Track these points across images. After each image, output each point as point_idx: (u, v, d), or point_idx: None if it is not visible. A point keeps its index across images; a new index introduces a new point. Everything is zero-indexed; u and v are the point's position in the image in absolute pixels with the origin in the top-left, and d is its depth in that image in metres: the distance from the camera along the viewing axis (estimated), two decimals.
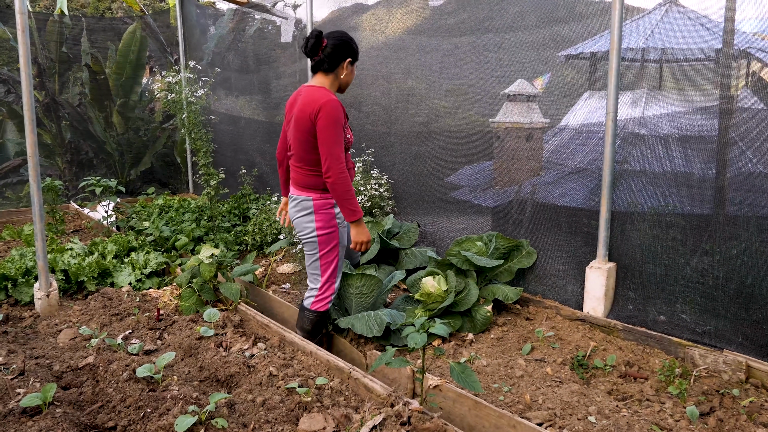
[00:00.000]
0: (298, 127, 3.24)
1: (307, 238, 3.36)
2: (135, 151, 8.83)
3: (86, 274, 4.43)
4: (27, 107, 3.75)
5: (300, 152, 3.28)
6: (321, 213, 3.31)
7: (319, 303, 3.42)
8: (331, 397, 2.74)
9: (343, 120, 3.20)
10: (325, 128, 3.13)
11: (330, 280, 3.42)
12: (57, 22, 8.24)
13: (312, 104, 3.16)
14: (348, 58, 3.30)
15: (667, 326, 3.45)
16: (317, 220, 3.30)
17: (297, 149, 3.29)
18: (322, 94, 3.19)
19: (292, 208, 3.42)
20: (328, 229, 3.32)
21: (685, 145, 3.55)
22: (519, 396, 2.96)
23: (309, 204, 3.31)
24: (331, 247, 3.36)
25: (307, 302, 3.47)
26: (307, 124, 3.18)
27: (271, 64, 7.16)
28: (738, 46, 3.21)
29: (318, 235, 3.33)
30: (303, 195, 3.34)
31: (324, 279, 3.40)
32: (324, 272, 3.39)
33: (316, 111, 3.13)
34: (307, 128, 3.19)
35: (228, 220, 6.17)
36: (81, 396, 2.70)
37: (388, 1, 5.41)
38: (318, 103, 3.14)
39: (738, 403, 2.80)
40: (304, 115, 3.18)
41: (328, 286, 3.43)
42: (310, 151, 3.23)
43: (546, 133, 4.27)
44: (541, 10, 4.17)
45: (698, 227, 3.37)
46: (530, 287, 4.17)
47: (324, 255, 3.36)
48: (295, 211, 3.39)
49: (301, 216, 3.35)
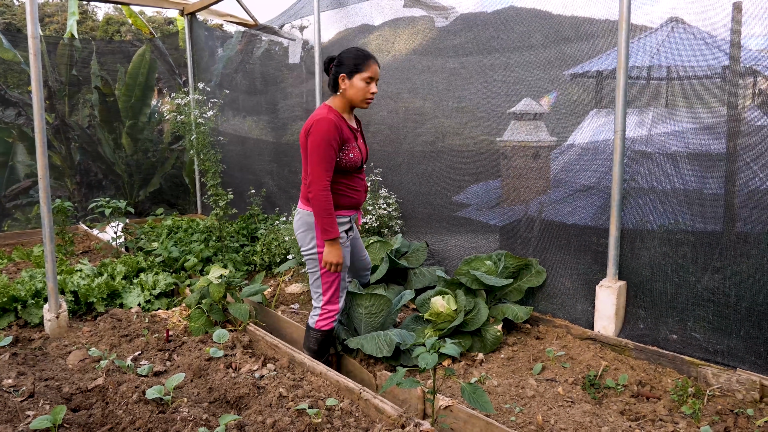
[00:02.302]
0: (301, 143, 3.31)
1: (308, 255, 3.38)
2: (144, 172, 8.88)
3: (95, 295, 4.44)
4: (38, 129, 3.79)
5: (305, 167, 3.32)
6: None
7: (323, 321, 3.42)
8: (341, 419, 2.73)
9: (333, 138, 3.16)
10: (312, 144, 3.16)
11: (332, 298, 3.42)
12: (67, 45, 8.35)
13: (309, 121, 3.23)
14: (341, 73, 3.26)
15: (679, 345, 3.42)
16: (317, 236, 3.30)
17: (303, 164, 3.34)
18: (319, 111, 3.25)
19: (295, 223, 3.45)
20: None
21: (693, 162, 3.55)
22: (531, 416, 2.93)
23: (310, 219, 3.32)
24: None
25: (311, 321, 3.47)
26: (303, 140, 3.25)
27: (279, 85, 7.22)
28: (744, 63, 3.22)
29: (318, 252, 3.33)
30: (305, 209, 3.36)
31: (326, 297, 3.41)
32: (326, 291, 3.40)
33: (309, 127, 3.20)
34: (303, 144, 3.26)
35: (237, 241, 6.18)
36: (90, 418, 2.69)
37: (394, 22, 5.46)
38: (312, 119, 3.21)
39: (753, 423, 2.76)
40: (303, 132, 3.26)
41: (331, 304, 3.43)
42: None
43: (553, 151, 4.27)
44: (547, 29, 4.20)
45: (708, 245, 3.35)
46: (540, 306, 4.15)
47: (325, 273, 3.36)
48: (296, 226, 3.43)
49: (302, 231, 3.38)
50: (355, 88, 3.26)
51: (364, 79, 3.25)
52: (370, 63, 3.27)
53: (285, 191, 6.99)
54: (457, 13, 4.88)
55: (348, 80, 3.25)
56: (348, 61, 3.25)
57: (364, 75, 3.25)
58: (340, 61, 3.28)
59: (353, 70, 3.25)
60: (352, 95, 3.28)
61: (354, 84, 3.26)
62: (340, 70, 3.27)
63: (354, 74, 3.25)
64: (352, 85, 3.26)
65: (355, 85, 3.26)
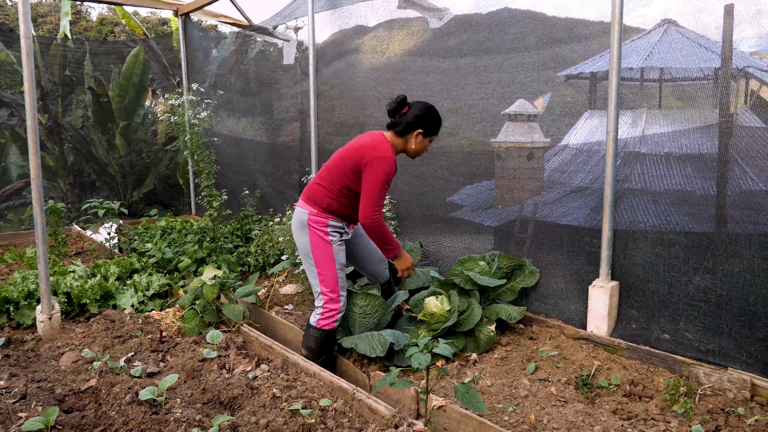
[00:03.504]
0: (345, 157, 3.39)
1: (303, 253, 3.50)
2: (137, 173, 8.86)
3: (88, 296, 4.42)
4: (31, 130, 3.78)
5: (332, 173, 3.41)
6: (313, 229, 3.43)
7: (324, 320, 3.45)
8: (335, 419, 2.73)
9: (392, 177, 3.36)
10: (372, 177, 3.29)
11: (331, 296, 3.45)
12: (60, 45, 8.32)
13: (368, 148, 3.33)
14: (419, 129, 3.42)
15: (671, 345, 3.44)
16: (310, 234, 3.44)
17: (331, 169, 3.43)
18: (382, 146, 3.35)
19: (293, 220, 3.56)
20: (321, 245, 3.44)
21: (686, 163, 3.57)
22: (524, 416, 2.94)
23: (304, 218, 3.45)
24: (327, 264, 3.44)
25: (312, 319, 3.51)
26: (356, 162, 3.34)
27: (273, 86, 7.22)
28: (736, 65, 3.24)
29: (312, 250, 3.44)
30: (302, 208, 3.49)
31: (326, 297, 3.45)
32: (323, 289, 3.46)
33: (369, 157, 3.30)
34: (348, 160, 3.37)
35: (230, 242, 6.17)
36: (83, 420, 2.69)
37: (389, 23, 5.47)
38: (375, 151, 3.31)
39: (743, 422, 2.78)
40: (356, 153, 3.35)
41: (332, 302, 3.46)
42: (342, 177, 3.38)
43: (547, 152, 4.29)
44: (541, 30, 4.21)
45: (700, 245, 3.37)
46: (533, 306, 4.16)
47: (321, 272, 3.44)
48: (293, 224, 3.54)
49: (297, 230, 3.51)
50: (420, 146, 3.49)
51: (431, 140, 3.54)
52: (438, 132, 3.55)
53: (279, 192, 6.99)
54: (452, 15, 4.90)
55: (420, 137, 3.45)
56: (431, 124, 3.46)
57: (433, 138, 3.54)
58: (422, 120, 3.42)
59: (430, 133, 3.48)
60: (414, 149, 3.49)
61: (422, 142, 3.48)
62: (419, 126, 3.42)
63: (428, 136, 3.49)
64: (420, 142, 3.47)
65: (422, 143, 3.49)
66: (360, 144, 3.39)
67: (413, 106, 3.44)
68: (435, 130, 3.52)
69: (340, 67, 5.95)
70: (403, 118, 3.43)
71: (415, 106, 3.44)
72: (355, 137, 3.53)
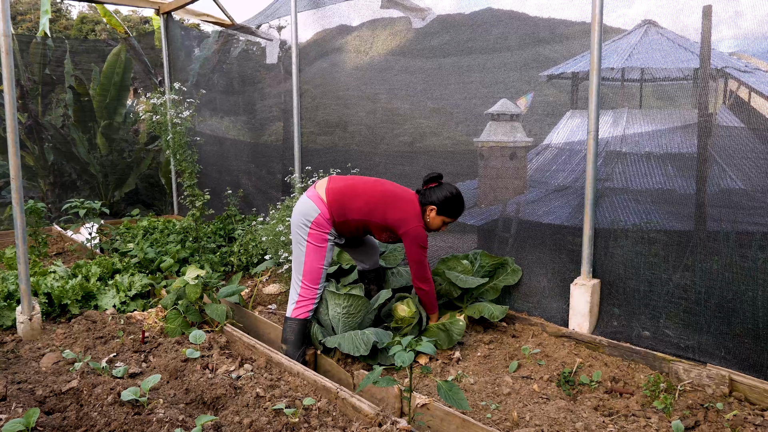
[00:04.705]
0: (381, 205, 3.59)
1: (297, 239, 3.61)
2: (119, 172, 8.79)
3: (70, 297, 4.38)
4: (11, 129, 3.74)
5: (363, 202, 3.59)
6: (315, 231, 3.55)
7: (299, 309, 3.60)
8: (318, 418, 2.73)
9: (426, 243, 3.63)
10: (411, 246, 3.58)
11: (309, 286, 3.61)
12: (40, 44, 8.23)
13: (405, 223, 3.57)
14: (434, 206, 3.63)
15: (652, 341, 3.48)
16: (310, 233, 3.55)
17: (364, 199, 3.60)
18: (415, 218, 3.60)
19: (297, 206, 3.65)
20: (316, 241, 3.56)
21: (666, 162, 3.61)
22: (506, 413, 2.96)
23: (312, 216, 3.55)
24: (316, 258, 3.57)
25: (288, 312, 3.64)
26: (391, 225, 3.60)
27: (256, 85, 7.19)
28: (715, 65, 3.29)
29: (308, 241, 3.57)
30: (315, 204, 3.57)
31: (304, 287, 3.60)
32: (304, 278, 3.59)
33: (406, 231, 3.57)
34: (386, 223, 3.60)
35: (213, 241, 6.14)
36: (65, 421, 2.66)
37: (372, 23, 5.47)
38: (410, 226, 3.56)
39: (722, 417, 2.82)
40: (395, 220, 3.58)
41: (308, 291, 3.61)
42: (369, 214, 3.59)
43: (529, 151, 4.32)
44: (524, 31, 4.24)
45: (680, 243, 3.41)
46: (516, 305, 4.19)
47: (308, 262, 3.58)
48: (296, 210, 3.63)
49: (298, 218, 3.59)
50: (433, 223, 3.69)
51: (445, 221, 3.71)
52: (457, 218, 3.74)
53: (262, 192, 6.96)
54: (434, 15, 4.91)
55: (434, 214, 3.65)
56: (448, 206, 3.64)
57: (447, 220, 3.70)
58: (441, 199, 3.63)
59: (445, 213, 3.66)
60: (430, 224, 3.69)
61: (436, 219, 3.68)
62: (436, 205, 3.63)
63: (441, 215, 3.66)
64: (434, 218, 3.67)
65: (436, 220, 3.68)
66: (401, 211, 3.58)
67: (443, 184, 3.69)
68: (449, 213, 3.67)
69: (324, 67, 5.94)
70: (429, 189, 3.68)
71: (443, 185, 3.68)
72: (399, 189, 3.73)
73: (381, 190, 3.64)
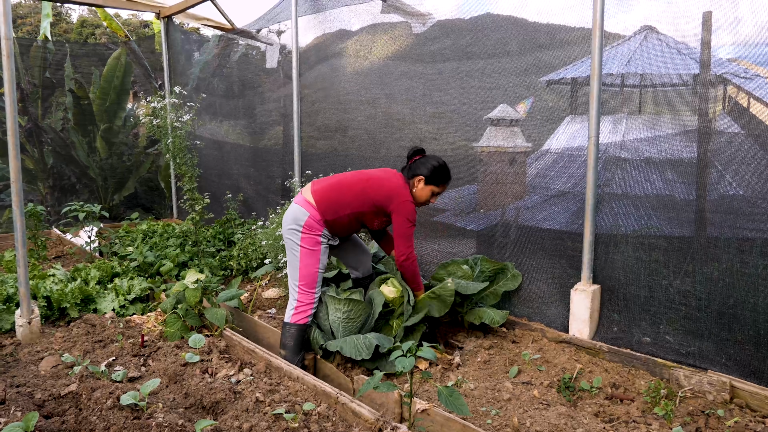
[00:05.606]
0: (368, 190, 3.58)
1: (290, 246, 3.61)
2: (118, 176, 8.78)
3: (69, 300, 4.37)
4: (11, 132, 3.73)
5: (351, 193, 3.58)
6: (306, 234, 3.54)
7: (298, 315, 3.58)
8: (318, 423, 2.72)
9: (415, 219, 3.62)
10: (399, 219, 3.57)
11: (306, 290, 3.59)
12: (40, 47, 8.24)
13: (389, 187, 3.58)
14: (421, 176, 3.62)
15: (652, 348, 3.47)
16: (302, 237, 3.54)
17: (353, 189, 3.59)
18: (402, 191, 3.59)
19: (287, 214, 3.64)
20: (309, 245, 3.55)
21: (666, 168, 3.61)
22: (507, 419, 2.96)
23: (302, 219, 3.54)
24: (311, 263, 3.56)
25: (287, 317, 3.62)
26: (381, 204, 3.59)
27: (256, 89, 7.20)
28: (715, 71, 3.29)
29: (301, 246, 3.55)
30: (303, 208, 3.56)
31: (301, 291, 3.58)
32: (301, 282, 3.58)
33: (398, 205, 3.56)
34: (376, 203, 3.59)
35: (213, 245, 6.13)
36: (64, 425, 2.65)
37: (372, 28, 5.48)
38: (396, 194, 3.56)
39: (723, 424, 2.82)
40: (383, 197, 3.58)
41: (305, 296, 3.59)
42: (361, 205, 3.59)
43: (529, 157, 4.32)
44: (523, 36, 4.25)
45: (680, 249, 3.41)
46: (516, 310, 4.19)
47: (303, 267, 3.56)
48: (287, 218, 3.62)
49: (289, 225, 3.59)
50: (421, 193, 3.66)
51: (434, 191, 3.68)
52: (446, 185, 3.71)
53: (262, 196, 6.96)
54: (435, 20, 4.92)
55: (422, 185, 3.64)
56: (434, 174, 3.63)
57: (436, 189, 3.68)
58: (425, 167, 3.63)
59: (434, 182, 3.64)
60: (416, 195, 3.67)
61: (424, 189, 3.65)
62: (424, 174, 3.62)
63: (430, 184, 3.64)
64: (423, 188, 3.65)
65: (425, 191, 3.66)
66: (387, 188, 3.59)
67: (426, 156, 3.70)
68: (437, 181, 3.65)
69: (324, 71, 5.95)
70: (414, 162, 3.69)
71: (427, 156, 3.70)
72: (380, 171, 3.75)
73: (365, 178, 3.66)
